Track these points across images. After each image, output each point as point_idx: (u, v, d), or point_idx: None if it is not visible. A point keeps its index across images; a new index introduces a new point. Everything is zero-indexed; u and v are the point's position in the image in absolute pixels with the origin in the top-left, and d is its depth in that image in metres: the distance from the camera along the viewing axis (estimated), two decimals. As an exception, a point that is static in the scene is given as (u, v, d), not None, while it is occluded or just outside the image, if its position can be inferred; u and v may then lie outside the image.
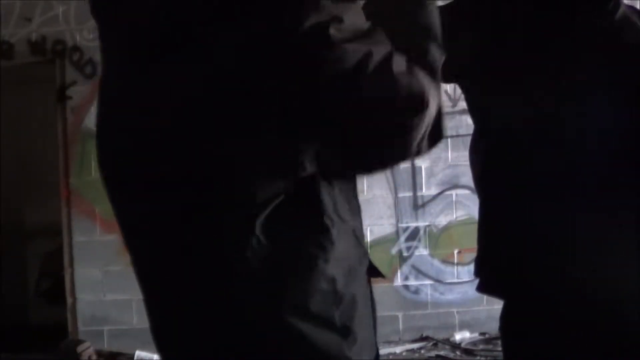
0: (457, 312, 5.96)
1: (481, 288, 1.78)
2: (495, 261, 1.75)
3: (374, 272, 1.28)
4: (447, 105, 5.62)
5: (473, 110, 1.81)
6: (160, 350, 1.32)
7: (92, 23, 5.50)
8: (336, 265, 1.17)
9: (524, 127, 1.68)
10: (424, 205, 5.99)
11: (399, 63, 1.15)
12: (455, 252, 6.00)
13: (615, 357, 1.66)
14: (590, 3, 1.69)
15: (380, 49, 1.14)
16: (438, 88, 1.25)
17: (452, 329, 5.94)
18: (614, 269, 1.63)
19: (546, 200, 1.66)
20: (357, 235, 1.25)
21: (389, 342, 5.72)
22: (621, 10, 1.71)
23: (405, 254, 5.99)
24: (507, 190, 1.72)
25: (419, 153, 1.20)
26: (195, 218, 1.17)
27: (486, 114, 1.76)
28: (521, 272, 1.69)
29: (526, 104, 1.68)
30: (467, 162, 1.86)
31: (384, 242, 5.94)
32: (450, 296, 5.99)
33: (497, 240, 1.74)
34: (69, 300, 5.80)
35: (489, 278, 1.76)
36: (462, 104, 5.06)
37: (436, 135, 1.22)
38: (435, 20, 1.31)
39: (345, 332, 1.17)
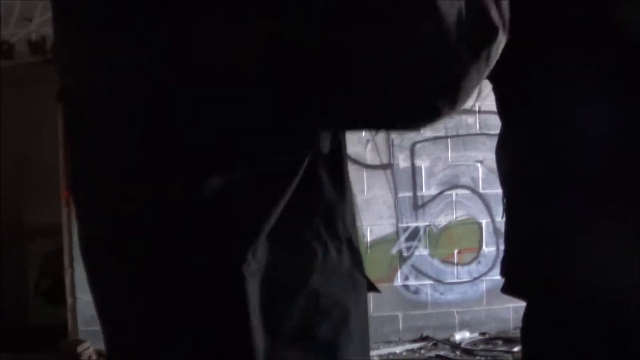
0: (457, 312, 5.96)
1: (507, 289, 1.77)
2: (522, 262, 1.74)
3: (370, 286, 1.18)
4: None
5: (502, 109, 1.80)
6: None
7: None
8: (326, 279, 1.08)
9: (553, 128, 1.68)
10: (424, 205, 5.99)
11: None
12: (455, 252, 6.01)
13: None
14: None
15: None
16: None
17: (452, 329, 5.94)
18: None
19: (575, 200, 1.65)
20: (353, 243, 1.14)
21: (389, 342, 5.72)
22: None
23: (405, 254, 5.99)
24: (535, 190, 1.71)
25: (474, 50, 0.97)
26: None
27: (515, 115, 1.75)
28: (550, 273, 1.69)
29: (552, 103, 1.67)
30: (467, 162, 1.85)
31: (384, 242, 5.95)
32: (450, 296, 5.99)
33: (524, 241, 1.73)
34: (69, 300, 5.80)
35: (515, 279, 1.75)
36: (462, 104, 5.04)
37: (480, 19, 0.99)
38: None
39: (330, 348, 1.08)
